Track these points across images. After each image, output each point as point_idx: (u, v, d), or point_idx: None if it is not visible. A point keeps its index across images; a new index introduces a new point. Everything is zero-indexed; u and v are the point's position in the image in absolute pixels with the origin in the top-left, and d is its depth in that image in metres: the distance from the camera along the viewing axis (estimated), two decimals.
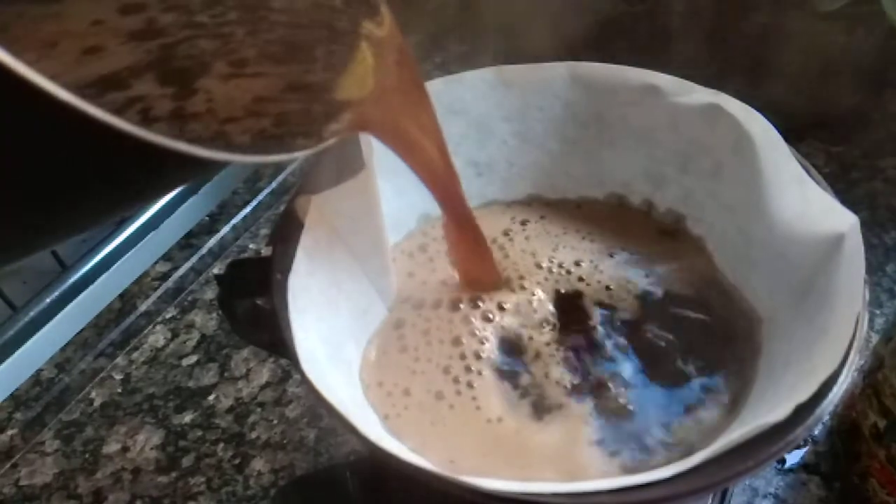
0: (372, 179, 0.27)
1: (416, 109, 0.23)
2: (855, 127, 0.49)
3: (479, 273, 0.30)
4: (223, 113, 0.19)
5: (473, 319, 0.29)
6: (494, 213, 0.33)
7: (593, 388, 0.27)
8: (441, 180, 0.26)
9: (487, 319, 0.29)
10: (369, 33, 0.21)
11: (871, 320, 0.40)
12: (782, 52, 0.48)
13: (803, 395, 0.21)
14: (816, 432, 0.36)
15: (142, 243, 0.45)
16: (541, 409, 0.26)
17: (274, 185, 0.50)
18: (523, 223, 0.33)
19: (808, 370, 0.22)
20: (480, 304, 0.29)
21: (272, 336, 0.24)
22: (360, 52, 0.21)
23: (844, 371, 0.21)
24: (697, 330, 0.28)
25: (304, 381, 0.22)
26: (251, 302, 0.27)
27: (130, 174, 0.16)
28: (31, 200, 0.15)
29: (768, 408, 0.22)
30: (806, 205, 0.26)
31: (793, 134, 0.28)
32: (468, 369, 0.28)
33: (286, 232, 0.26)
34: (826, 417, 0.32)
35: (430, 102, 0.23)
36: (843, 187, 0.46)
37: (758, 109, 0.28)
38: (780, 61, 0.48)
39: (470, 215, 0.28)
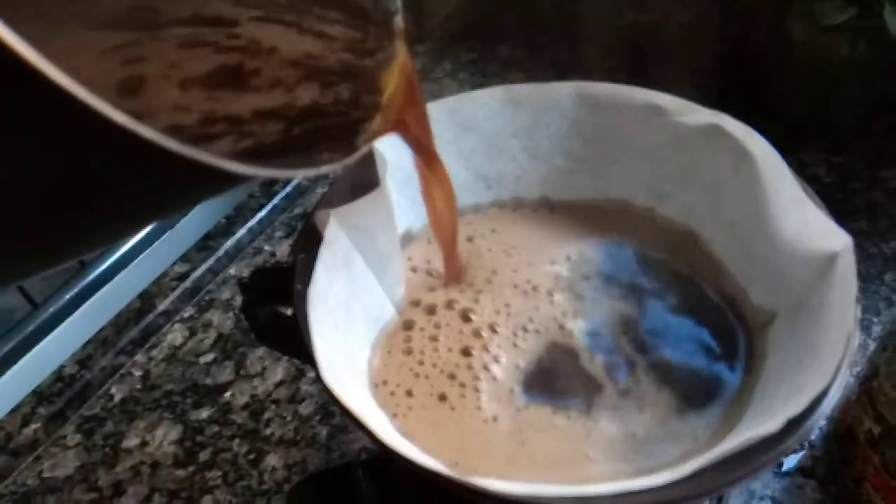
0: (387, 195, 0.28)
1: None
2: (856, 137, 0.50)
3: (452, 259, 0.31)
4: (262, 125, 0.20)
5: (483, 333, 0.30)
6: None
7: (600, 397, 0.28)
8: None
9: (494, 331, 0.30)
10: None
11: (868, 328, 0.40)
12: (786, 63, 0.49)
13: (794, 409, 0.22)
14: (813, 437, 0.37)
15: (160, 244, 0.46)
16: (546, 413, 0.27)
17: (289, 188, 0.51)
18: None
19: (800, 385, 0.23)
20: (488, 310, 0.31)
21: (291, 342, 0.25)
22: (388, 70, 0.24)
23: (834, 386, 0.22)
24: (699, 339, 0.29)
25: (326, 391, 0.23)
26: (272, 309, 0.28)
27: (151, 187, 0.16)
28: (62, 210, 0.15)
29: (763, 419, 0.23)
30: (805, 225, 0.27)
31: (795, 143, 0.28)
32: (476, 377, 0.29)
33: (306, 244, 0.27)
34: (816, 430, 0.33)
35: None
36: (844, 197, 0.47)
37: (761, 119, 0.29)
38: (784, 72, 0.49)
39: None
